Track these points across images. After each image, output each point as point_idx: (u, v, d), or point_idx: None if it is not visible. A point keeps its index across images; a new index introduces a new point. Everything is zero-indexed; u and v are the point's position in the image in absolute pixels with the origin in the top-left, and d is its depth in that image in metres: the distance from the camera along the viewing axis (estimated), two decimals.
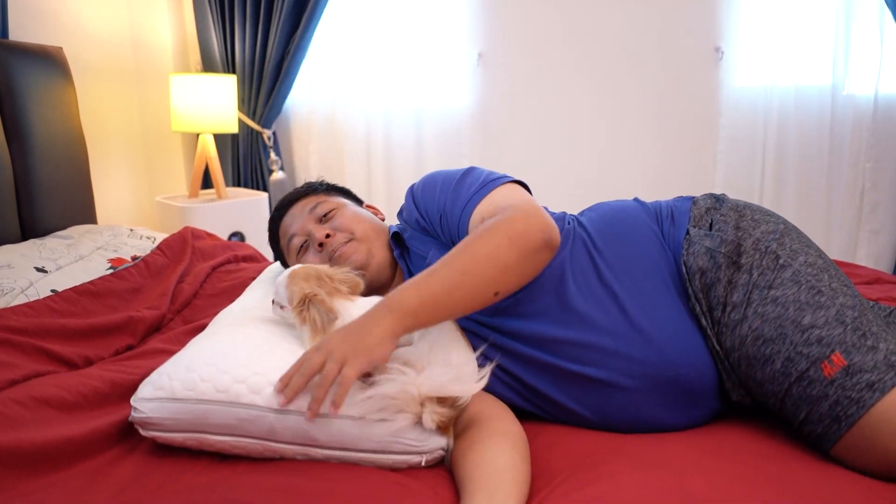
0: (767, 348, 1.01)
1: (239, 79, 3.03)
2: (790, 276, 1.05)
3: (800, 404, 0.99)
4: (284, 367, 1.01)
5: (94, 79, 2.74)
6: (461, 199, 1.18)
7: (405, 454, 0.99)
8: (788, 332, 1.00)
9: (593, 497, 0.88)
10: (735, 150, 2.85)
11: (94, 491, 0.94)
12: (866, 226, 2.74)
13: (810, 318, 1.00)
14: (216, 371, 1.02)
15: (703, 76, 2.84)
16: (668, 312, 1.10)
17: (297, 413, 0.98)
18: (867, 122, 2.65)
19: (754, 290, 1.05)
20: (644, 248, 1.16)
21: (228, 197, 2.89)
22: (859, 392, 0.94)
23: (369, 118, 3.11)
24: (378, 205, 3.15)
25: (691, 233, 1.14)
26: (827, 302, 1.01)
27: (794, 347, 0.99)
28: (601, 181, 3.03)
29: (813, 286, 1.03)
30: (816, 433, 0.98)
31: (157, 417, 1.01)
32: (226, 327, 1.21)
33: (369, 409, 0.97)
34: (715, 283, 1.08)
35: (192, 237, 2.06)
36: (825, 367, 0.96)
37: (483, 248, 1.03)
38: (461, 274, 1.01)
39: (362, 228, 1.33)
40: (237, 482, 0.95)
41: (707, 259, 1.10)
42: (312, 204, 1.37)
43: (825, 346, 0.97)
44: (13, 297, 1.58)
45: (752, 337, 1.03)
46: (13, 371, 1.24)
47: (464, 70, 3.02)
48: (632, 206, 1.25)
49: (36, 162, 2.06)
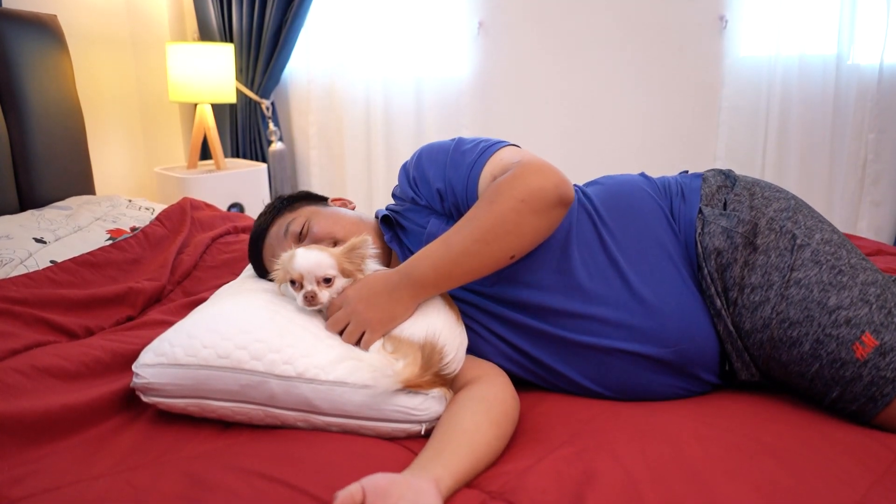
0: (794, 331, 1.02)
1: (236, 48, 2.99)
2: (809, 256, 1.05)
3: (832, 385, 1.01)
4: (286, 335, 1.02)
5: (90, 47, 2.70)
6: (464, 166, 1.16)
7: (404, 422, 1.00)
8: (815, 315, 1.01)
9: (592, 459, 0.88)
10: (737, 120, 2.83)
11: (95, 459, 0.95)
12: (868, 197, 2.73)
13: (835, 300, 1.01)
14: (218, 338, 1.03)
15: (707, 45, 2.80)
16: (671, 286, 1.10)
17: (298, 379, 0.99)
18: (871, 92, 2.62)
19: (774, 271, 1.05)
20: (649, 223, 1.15)
21: (227, 168, 2.88)
22: (893, 371, 0.96)
23: (369, 88, 3.08)
24: (377, 174, 3.14)
25: (705, 212, 1.13)
26: (849, 282, 1.02)
27: (822, 329, 1.00)
28: (602, 151, 3.01)
29: (833, 265, 1.04)
30: (851, 410, 1.00)
31: (158, 383, 1.02)
32: (227, 297, 1.21)
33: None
34: (731, 264, 1.08)
35: (192, 208, 2.05)
36: (857, 349, 0.98)
37: (496, 215, 1.03)
38: (476, 242, 1.03)
39: (342, 227, 1.28)
40: (238, 451, 0.96)
41: (724, 239, 1.09)
42: (284, 226, 1.28)
43: (854, 326, 0.99)
44: (12, 267, 1.58)
45: (778, 320, 1.03)
46: (14, 341, 1.24)
47: (464, 39, 2.99)
48: (637, 180, 1.24)
49: (33, 132, 2.05)
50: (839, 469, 0.87)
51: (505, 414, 1.00)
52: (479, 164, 1.14)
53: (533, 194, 1.02)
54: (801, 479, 0.85)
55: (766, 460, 0.89)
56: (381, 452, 0.96)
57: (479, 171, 1.13)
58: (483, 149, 1.16)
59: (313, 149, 3.18)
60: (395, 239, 1.28)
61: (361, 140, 3.14)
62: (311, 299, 1.07)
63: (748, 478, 0.84)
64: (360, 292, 1.08)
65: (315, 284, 1.07)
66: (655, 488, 0.82)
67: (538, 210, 1.03)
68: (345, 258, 1.10)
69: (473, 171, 1.14)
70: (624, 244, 1.13)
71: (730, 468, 0.87)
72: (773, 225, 1.09)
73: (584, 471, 0.86)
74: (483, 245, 1.03)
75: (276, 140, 3.11)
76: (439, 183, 1.20)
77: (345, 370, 1.00)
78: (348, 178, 3.17)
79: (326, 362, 1.01)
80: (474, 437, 0.93)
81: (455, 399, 1.03)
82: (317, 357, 1.01)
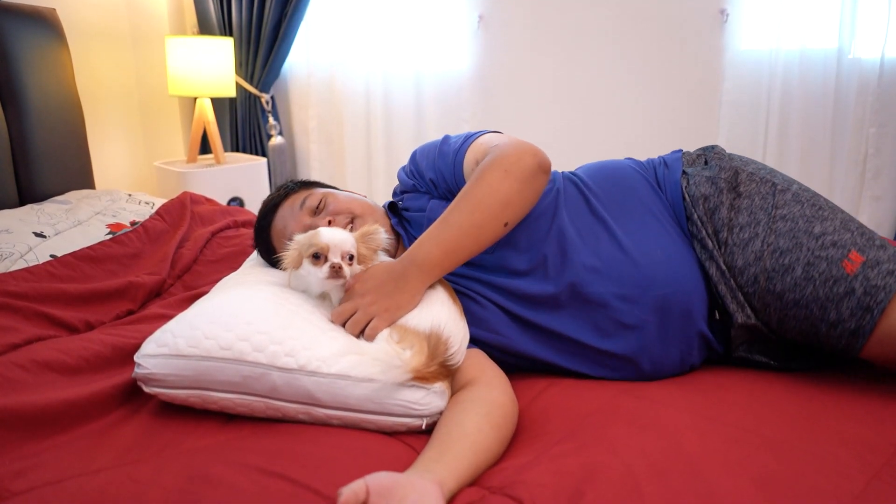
0: (785, 258, 1.09)
1: (236, 42, 2.99)
2: (791, 197, 1.15)
3: (827, 305, 1.05)
4: (288, 327, 1.03)
5: (89, 41, 2.70)
6: (450, 154, 1.25)
7: (406, 416, 1.00)
8: (803, 241, 1.09)
9: (591, 454, 0.89)
10: (738, 114, 2.82)
11: (96, 453, 0.95)
12: (868, 192, 2.72)
13: (820, 228, 1.09)
14: (220, 329, 1.03)
15: (708, 39, 2.79)
16: (656, 237, 1.17)
17: (300, 372, 0.99)
18: (872, 86, 2.61)
19: (759, 211, 1.14)
20: (634, 186, 1.25)
21: (227, 162, 2.87)
22: (884, 279, 1.03)
23: (369, 82, 3.07)
24: (377, 168, 3.14)
25: (688, 171, 1.24)
26: (830, 215, 1.12)
27: (811, 252, 1.08)
28: (602, 145, 3.00)
29: (814, 203, 1.14)
30: (850, 329, 1.04)
31: (160, 374, 1.02)
32: (229, 288, 1.21)
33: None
34: (718, 206, 1.17)
35: (191, 202, 2.05)
36: (846, 266, 1.05)
37: (485, 188, 1.10)
38: (471, 214, 1.09)
39: (359, 206, 1.32)
40: (240, 445, 0.96)
41: (709, 185, 1.19)
42: (300, 200, 1.31)
43: (840, 247, 1.07)
44: (12, 261, 1.58)
45: (769, 251, 1.10)
46: (14, 335, 1.25)
47: (464, 32, 2.98)
48: (623, 161, 1.34)
49: (32, 126, 2.04)
50: (838, 462, 0.87)
51: (505, 417, 1.01)
52: (463, 149, 1.24)
53: (514, 164, 1.11)
54: (799, 473, 0.85)
55: (764, 454, 0.89)
56: (382, 448, 0.97)
57: (462, 155, 1.23)
58: (465, 137, 1.27)
59: (313, 143, 3.18)
60: (400, 224, 1.33)
61: (361, 134, 3.13)
62: (338, 271, 1.07)
63: (747, 471, 0.85)
64: (365, 283, 1.09)
65: (340, 258, 1.08)
66: (654, 482, 0.82)
67: (521, 178, 1.11)
68: (361, 242, 1.12)
69: (458, 156, 1.23)
70: (609, 203, 1.22)
71: (728, 462, 0.87)
72: (753, 177, 1.19)
73: (583, 466, 0.87)
74: (477, 216, 1.10)
75: (276, 134, 3.11)
76: (431, 173, 1.29)
77: (347, 363, 1.00)
78: (348, 172, 3.17)
79: (329, 355, 1.01)
80: (477, 439, 0.93)
81: (456, 399, 1.03)
82: (319, 349, 1.01)
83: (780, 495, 0.80)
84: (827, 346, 1.08)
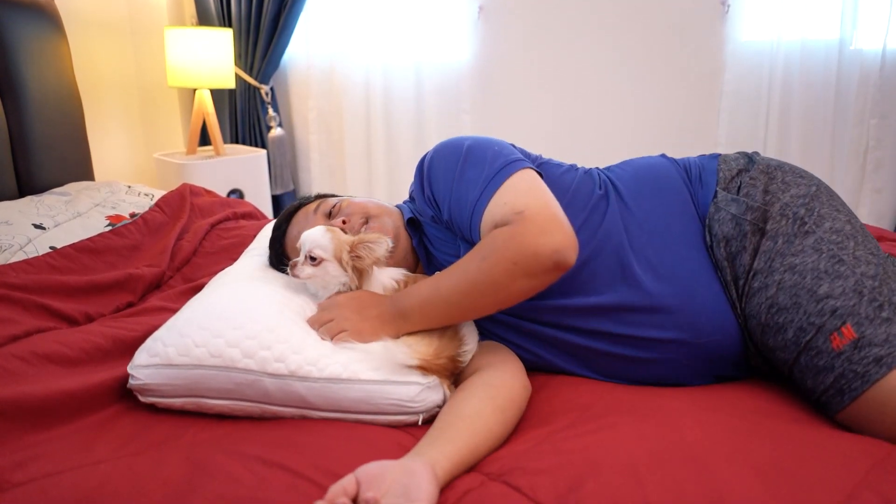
0: (781, 317, 1.01)
1: (235, 33, 2.97)
2: (812, 243, 1.03)
3: (806, 373, 0.99)
4: (276, 329, 1.03)
5: (88, 32, 2.68)
6: (469, 198, 1.09)
7: (400, 414, 1.00)
8: (803, 302, 1.00)
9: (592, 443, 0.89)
10: (739, 105, 2.81)
11: (96, 445, 0.95)
12: (869, 184, 2.71)
13: (827, 288, 0.99)
14: (209, 335, 1.02)
15: (709, 30, 2.78)
16: (696, 279, 1.09)
17: (291, 377, 0.99)
18: (874, 77, 2.60)
19: (776, 257, 1.04)
20: (673, 207, 1.15)
21: (226, 154, 2.87)
22: (865, 367, 0.94)
23: (369, 73, 3.06)
24: (377, 159, 3.13)
25: (719, 196, 1.12)
26: (846, 272, 1.00)
27: (807, 318, 0.99)
28: (602, 136, 3.00)
29: (834, 255, 1.02)
30: (822, 401, 0.99)
31: (154, 384, 1.02)
32: (219, 288, 1.21)
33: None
34: (740, 252, 1.07)
35: (191, 194, 2.04)
36: (834, 339, 0.96)
37: (487, 273, 0.99)
38: (463, 295, 1.03)
39: (375, 207, 1.27)
40: (239, 437, 0.96)
41: (732, 226, 1.08)
42: (314, 207, 1.28)
43: (837, 317, 0.97)
44: (11, 253, 1.57)
45: (767, 305, 1.03)
46: (14, 327, 1.24)
47: (464, 23, 2.96)
48: (662, 163, 1.22)
49: (31, 117, 2.04)
50: (839, 453, 0.87)
51: (511, 400, 1.00)
52: (483, 202, 1.07)
53: (527, 258, 0.97)
54: (801, 463, 0.85)
55: (766, 444, 0.89)
56: (381, 437, 0.97)
57: (482, 210, 1.07)
58: (489, 177, 1.08)
59: (313, 134, 3.17)
60: (421, 245, 1.25)
61: (361, 125, 3.12)
62: (292, 269, 1.11)
63: (748, 461, 0.85)
64: (350, 301, 1.09)
65: (302, 258, 1.09)
66: (655, 472, 0.82)
67: (530, 274, 0.98)
68: (347, 247, 1.09)
69: (476, 210, 1.08)
70: (647, 235, 1.12)
71: (730, 452, 0.87)
72: (785, 211, 1.07)
73: (585, 455, 0.87)
74: (469, 299, 1.03)
75: (276, 126, 3.10)
76: (446, 214, 1.16)
77: (338, 366, 1.00)
78: (348, 164, 3.16)
79: (317, 357, 1.01)
80: (475, 421, 0.93)
81: (463, 385, 1.03)
82: (308, 352, 1.01)
83: (782, 484, 0.80)
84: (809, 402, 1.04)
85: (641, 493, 0.79)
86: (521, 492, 0.81)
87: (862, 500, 0.78)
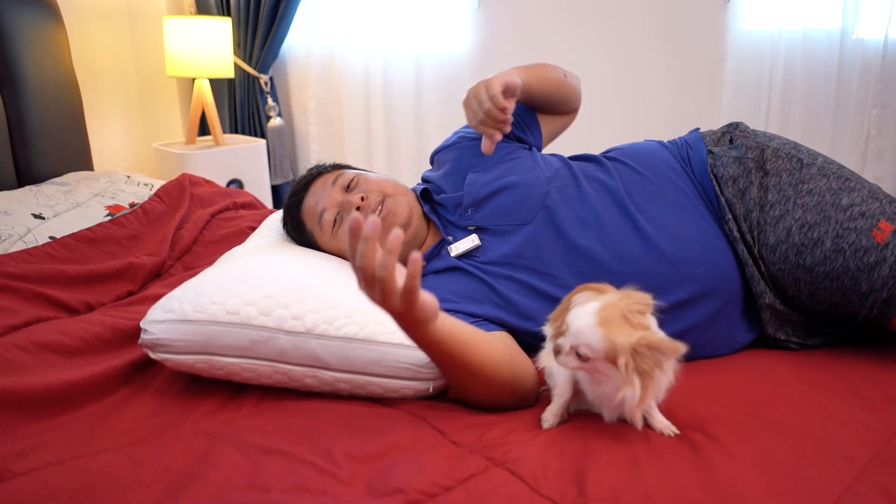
0: (814, 232, 1.09)
1: (234, 22, 2.96)
2: (816, 171, 1.14)
3: (859, 276, 1.05)
4: (293, 290, 1.03)
5: (86, 21, 2.67)
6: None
7: (413, 380, 1.01)
8: (832, 213, 1.08)
9: (591, 439, 0.89)
10: (740, 94, 2.80)
11: (97, 434, 0.95)
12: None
13: (847, 199, 1.09)
14: (226, 294, 1.03)
15: (710, 19, 2.76)
16: (689, 218, 1.15)
17: (307, 335, 0.99)
18: (875, 67, 2.59)
19: (787, 187, 1.13)
20: (661, 166, 1.22)
21: (226, 143, 2.86)
22: None
23: (368, 62, 3.04)
24: (377, 149, 3.12)
25: (714, 151, 1.22)
26: (857, 186, 1.11)
27: (840, 224, 1.07)
28: (604, 127, 2.99)
29: (840, 175, 1.13)
30: (882, 298, 1.04)
31: (167, 339, 1.02)
32: (233, 258, 1.22)
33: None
34: (748, 187, 1.15)
35: (190, 184, 2.04)
36: (876, 235, 1.06)
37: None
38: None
39: (391, 185, 1.29)
40: (240, 424, 0.97)
41: (737, 166, 1.17)
42: (332, 179, 1.29)
43: (869, 217, 1.07)
44: (11, 243, 1.57)
45: (798, 226, 1.09)
46: (14, 316, 1.25)
47: (464, 13, 2.94)
48: (650, 141, 1.33)
49: (29, 107, 2.03)
50: (837, 443, 0.88)
51: (511, 372, 1.00)
52: None
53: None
54: (799, 453, 0.85)
55: (764, 435, 0.89)
56: (382, 421, 0.97)
57: None
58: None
59: (312, 124, 3.16)
60: (433, 210, 1.29)
61: (361, 115, 3.11)
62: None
63: (746, 452, 0.85)
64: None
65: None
66: (655, 464, 0.83)
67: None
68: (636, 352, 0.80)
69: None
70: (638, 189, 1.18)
71: (728, 442, 0.87)
72: (778, 153, 1.18)
73: (585, 446, 0.87)
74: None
75: (275, 115, 3.09)
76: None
77: (355, 326, 1.00)
78: (348, 153, 3.15)
79: (335, 317, 1.01)
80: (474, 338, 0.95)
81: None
82: (326, 312, 1.01)
83: (780, 476, 0.81)
84: (859, 316, 1.08)
85: (642, 484, 0.79)
86: (523, 480, 0.81)
87: (861, 492, 0.78)
